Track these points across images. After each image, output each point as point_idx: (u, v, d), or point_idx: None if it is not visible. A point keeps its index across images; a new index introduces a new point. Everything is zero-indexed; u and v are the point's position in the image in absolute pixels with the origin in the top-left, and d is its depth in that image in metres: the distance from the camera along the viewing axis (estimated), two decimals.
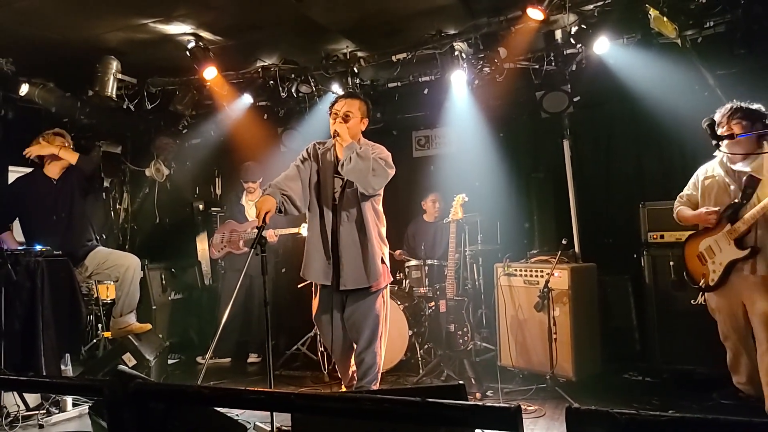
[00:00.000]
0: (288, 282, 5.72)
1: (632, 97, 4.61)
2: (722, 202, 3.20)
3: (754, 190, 3.06)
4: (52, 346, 3.46)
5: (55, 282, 3.56)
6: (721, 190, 3.21)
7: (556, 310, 4.08)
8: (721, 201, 3.21)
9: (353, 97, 3.45)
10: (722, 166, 3.23)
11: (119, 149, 6.14)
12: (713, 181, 3.28)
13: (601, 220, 5.19)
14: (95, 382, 1.89)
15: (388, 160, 3.39)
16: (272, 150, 6.08)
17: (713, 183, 3.27)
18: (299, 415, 2.18)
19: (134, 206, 6.30)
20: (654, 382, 4.17)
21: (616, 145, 5.33)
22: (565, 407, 1.39)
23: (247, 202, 5.50)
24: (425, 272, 4.80)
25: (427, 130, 6.19)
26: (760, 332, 3.09)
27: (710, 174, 3.30)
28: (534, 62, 4.79)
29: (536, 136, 5.67)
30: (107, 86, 4.76)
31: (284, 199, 3.28)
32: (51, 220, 4.05)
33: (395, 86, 5.35)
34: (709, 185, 3.30)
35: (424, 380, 4.28)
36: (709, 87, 4.39)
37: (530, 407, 3.69)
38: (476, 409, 1.62)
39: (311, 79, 5.18)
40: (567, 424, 1.39)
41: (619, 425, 1.35)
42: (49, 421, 3.51)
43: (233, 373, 4.92)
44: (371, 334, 3.41)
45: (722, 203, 3.19)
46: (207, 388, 1.73)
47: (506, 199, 5.40)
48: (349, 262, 3.34)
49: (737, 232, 3.08)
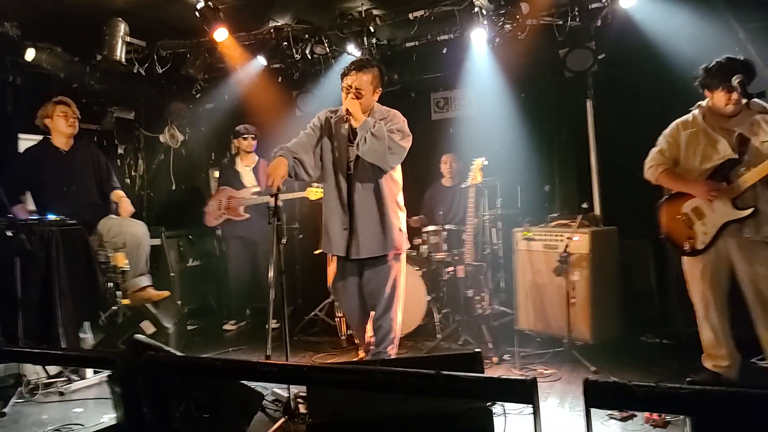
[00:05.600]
0: (305, 248, 5.73)
1: (659, 54, 4.41)
2: (709, 158, 2.97)
3: (746, 149, 2.89)
4: (70, 315, 3.48)
5: (70, 251, 3.56)
6: (710, 145, 2.96)
7: (575, 275, 4.01)
8: (708, 157, 2.97)
9: (364, 68, 3.26)
10: (710, 120, 2.99)
11: (132, 115, 6.08)
12: (698, 133, 3.01)
13: (623, 183, 5.02)
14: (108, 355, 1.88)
15: (405, 129, 3.30)
16: (287, 114, 6.00)
17: (698, 135, 3.00)
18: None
19: (149, 173, 6.29)
20: (672, 345, 4.14)
21: (642, 105, 5.12)
22: (583, 379, 1.34)
23: (243, 167, 5.43)
24: (444, 237, 4.73)
25: (446, 92, 6.02)
26: (757, 298, 2.89)
27: (692, 128, 3.04)
28: (557, 18, 4.59)
29: (559, 97, 5.48)
30: (116, 50, 4.67)
31: (296, 162, 3.22)
32: (62, 192, 4.05)
33: (413, 46, 5.17)
34: (693, 137, 3.03)
35: (442, 345, 4.27)
36: (739, 42, 4.17)
37: (546, 371, 3.68)
38: (492, 381, 1.57)
39: (325, 40, 5.03)
40: (585, 396, 1.33)
41: (637, 398, 1.29)
42: (69, 389, 3.56)
43: (253, 339, 4.96)
44: (388, 301, 3.39)
45: (709, 159, 2.97)
46: (219, 360, 1.70)
47: (527, 162, 5.27)
48: (365, 231, 3.29)
49: (738, 191, 2.89)
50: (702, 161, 3.01)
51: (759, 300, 2.90)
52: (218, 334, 5.26)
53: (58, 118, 4.09)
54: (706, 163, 3.00)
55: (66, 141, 4.16)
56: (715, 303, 3.03)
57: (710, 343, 3.10)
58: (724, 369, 3.07)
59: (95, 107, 5.60)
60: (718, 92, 2.93)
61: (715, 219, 2.97)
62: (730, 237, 2.95)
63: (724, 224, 2.93)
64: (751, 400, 1.11)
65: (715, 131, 2.98)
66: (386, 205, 3.32)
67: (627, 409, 2.63)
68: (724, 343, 3.05)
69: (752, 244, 2.91)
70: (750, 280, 2.91)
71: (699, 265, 3.06)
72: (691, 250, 3.05)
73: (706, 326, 3.08)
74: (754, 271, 2.90)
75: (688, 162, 3.08)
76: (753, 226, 2.89)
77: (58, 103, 4.11)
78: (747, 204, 2.90)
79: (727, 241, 2.96)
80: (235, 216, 5.27)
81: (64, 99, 4.16)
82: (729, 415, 1.16)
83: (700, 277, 3.07)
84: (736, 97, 2.86)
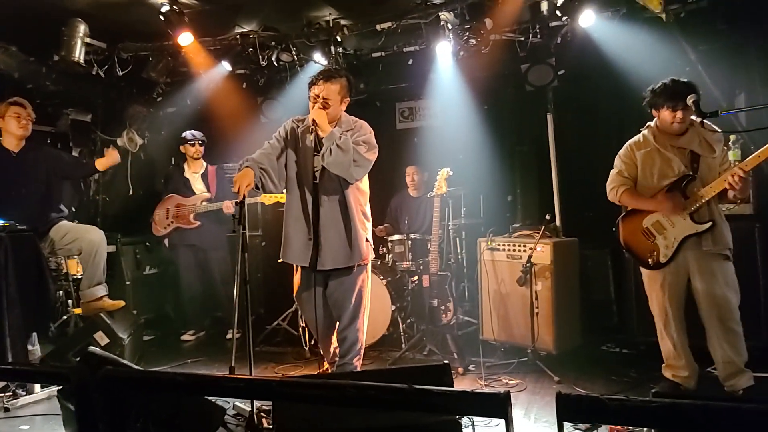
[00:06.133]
0: (267, 256, 5.63)
1: (616, 71, 4.56)
2: (665, 176, 3.09)
3: (698, 165, 3.04)
4: (18, 326, 3.30)
5: (20, 258, 3.39)
6: (665, 163, 3.09)
7: (538, 285, 4.08)
8: (664, 174, 3.10)
9: (332, 78, 3.25)
10: (660, 139, 3.12)
11: (89, 117, 5.87)
12: (652, 153, 3.13)
13: (582, 195, 5.16)
14: (61, 370, 1.79)
15: (371, 141, 3.30)
16: (252, 121, 5.91)
17: (653, 155, 3.12)
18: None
19: (106, 177, 6.07)
20: (631, 354, 4.24)
21: (599, 120, 5.32)
22: (555, 393, 1.35)
23: (191, 174, 5.32)
24: (408, 246, 4.74)
25: (411, 102, 6.07)
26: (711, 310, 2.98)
27: (645, 148, 3.16)
28: (519, 34, 4.72)
29: (520, 110, 5.62)
30: (74, 51, 4.51)
31: (262, 173, 3.18)
32: (11, 195, 3.86)
33: (379, 56, 5.21)
34: (647, 157, 3.14)
35: (407, 355, 4.26)
36: (690, 62, 4.37)
37: (511, 381, 3.72)
38: (465, 395, 1.56)
39: (292, 48, 4.98)
40: (557, 410, 1.35)
41: (608, 411, 1.31)
42: (16, 404, 3.39)
43: (212, 350, 4.84)
44: (354, 312, 3.37)
45: (665, 177, 3.09)
46: (182, 375, 1.64)
47: (490, 173, 5.36)
48: (330, 242, 3.27)
49: (694, 206, 3.01)
50: (659, 179, 3.13)
51: (713, 311, 3.00)
52: (175, 345, 5.11)
53: (10, 119, 3.91)
54: (663, 180, 3.12)
55: (17, 143, 3.98)
56: (673, 315, 3.12)
57: (670, 353, 3.18)
58: (684, 379, 3.16)
59: (50, 108, 5.39)
60: (663, 111, 3.06)
61: (675, 233, 3.08)
62: (689, 250, 3.06)
63: (684, 238, 3.05)
64: (719, 413, 1.14)
65: (667, 150, 3.10)
66: (352, 215, 3.30)
67: (598, 423, 2.67)
68: (683, 353, 3.14)
69: (710, 257, 3.03)
70: (705, 292, 3.02)
71: (659, 278, 3.16)
72: (654, 264, 3.14)
73: (666, 337, 3.17)
74: (710, 284, 3.01)
75: (645, 180, 3.19)
76: (710, 239, 3.02)
77: (12, 103, 3.94)
78: (704, 218, 3.03)
79: (686, 254, 3.07)
80: (186, 224, 5.15)
81: (19, 100, 3.98)
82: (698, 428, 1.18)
83: (660, 289, 3.16)
84: (680, 115, 2.99)
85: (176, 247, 5.27)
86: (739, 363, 2.99)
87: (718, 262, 3.02)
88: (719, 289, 2.98)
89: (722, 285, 2.98)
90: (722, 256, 3.03)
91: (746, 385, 2.99)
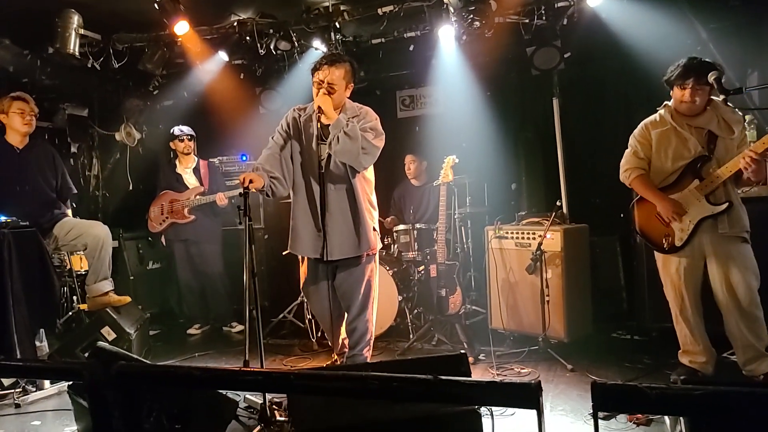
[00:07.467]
0: (271, 249, 5.57)
1: (624, 53, 4.48)
2: (681, 156, 3.03)
3: (715, 146, 2.98)
4: (24, 323, 3.26)
5: (23, 255, 3.34)
6: (681, 143, 3.03)
7: (548, 272, 4.02)
8: (680, 155, 3.04)
9: (336, 62, 3.15)
10: (677, 119, 3.05)
11: (86, 112, 5.77)
12: (668, 132, 3.06)
13: (590, 181, 5.11)
14: (74, 366, 1.74)
15: (378, 128, 3.24)
16: (251, 112, 5.83)
17: (669, 134, 3.06)
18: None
19: (105, 173, 5.99)
20: (643, 341, 4.19)
21: (607, 104, 5.22)
22: (591, 382, 1.30)
23: (183, 169, 5.25)
24: (414, 236, 4.68)
25: (412, 90, 5.98)
26: (729, 294, 2.93)
27: (662, 127, 3.10)
28: (524, 16, 4.60)
29: (525, 95, 5.52)
30: (69, 43, 4.41)
31: (272, 182, 3.11)
32: (15, 191, 3.80)
33: (379, 42, 5.07)
34: (663, 136, 3.08)
35: (415, 345, 4.22)
36: (701, 41, 4.28)
37: (524, 369, 3.68)
38: (494, 386, 1.50)
39: (291, 35, 4.87)
40: (593, 400, 1.29)
41: (648, 400, 1.26)
42: (26, 400, 3.36)
43: (219, 343, 4.80)
44: (363, 302, 3.33)
45: (681, 157, 3.03)
46: (198, 369, 1.58)
47: (494, 160, 5.27)
48: (337, 232, 3.21)
49: (710, 187, 2.95)
50: (674, 159, 3.06)
51: (730, 295, 2.95)
52: (181, 339, 5.07)
53: (14, 115, 3.84)
54: (678, 161, 3.05)
55: (21, 139, 3.91)
56: (690, 300, 3.07)
57: (686, 339, 3.13)
58: (701, 365, 3.11)
59: (46, 103, 5.28)
60: (675, 89, 3.01)
61: (691, 216, 3.01)
62: (705, 233, 3.00)
63: (700, 220, 2.98)
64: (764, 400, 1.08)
65: (684, 129, 3.03)
66: (360, 205, 3.25)
67: (638, 412, 2.61)
68: (700, 339, 3.09)
69: (726, 239, 2.97)
70: (723, 276, 2.96)
71: (674, 263, 3.10)
72: (669, 247, 3.08)
73: (682, 323, 3.12)
74: (727, 267, 2.95)
75: (659, 161, 3.12)
76: (727, 221, 2.95)
77: (16, 98, 3.87)
78: (720, 200, 2.96)
79: (702, 238, 3.01)
80: (181, 219, 5.09)
81: (22, 95, 3.91)
82: (744, 416, 1.13)
83: (675, 273, 3.10)
84: (689, 93, 2.93)
85: (172, 242, 5.22)
86: (760, 347, 2.93)
87: (736, 245, 2.96)
88: (737, 273, 2.92)
89: (741, 268, 2.92)
90: (739, 239, 2.97)
91: (767, 370, 2.94)
